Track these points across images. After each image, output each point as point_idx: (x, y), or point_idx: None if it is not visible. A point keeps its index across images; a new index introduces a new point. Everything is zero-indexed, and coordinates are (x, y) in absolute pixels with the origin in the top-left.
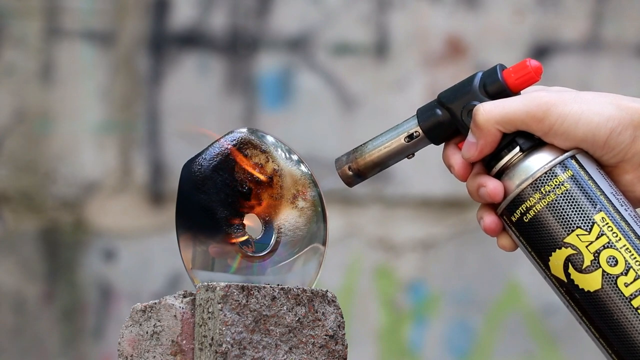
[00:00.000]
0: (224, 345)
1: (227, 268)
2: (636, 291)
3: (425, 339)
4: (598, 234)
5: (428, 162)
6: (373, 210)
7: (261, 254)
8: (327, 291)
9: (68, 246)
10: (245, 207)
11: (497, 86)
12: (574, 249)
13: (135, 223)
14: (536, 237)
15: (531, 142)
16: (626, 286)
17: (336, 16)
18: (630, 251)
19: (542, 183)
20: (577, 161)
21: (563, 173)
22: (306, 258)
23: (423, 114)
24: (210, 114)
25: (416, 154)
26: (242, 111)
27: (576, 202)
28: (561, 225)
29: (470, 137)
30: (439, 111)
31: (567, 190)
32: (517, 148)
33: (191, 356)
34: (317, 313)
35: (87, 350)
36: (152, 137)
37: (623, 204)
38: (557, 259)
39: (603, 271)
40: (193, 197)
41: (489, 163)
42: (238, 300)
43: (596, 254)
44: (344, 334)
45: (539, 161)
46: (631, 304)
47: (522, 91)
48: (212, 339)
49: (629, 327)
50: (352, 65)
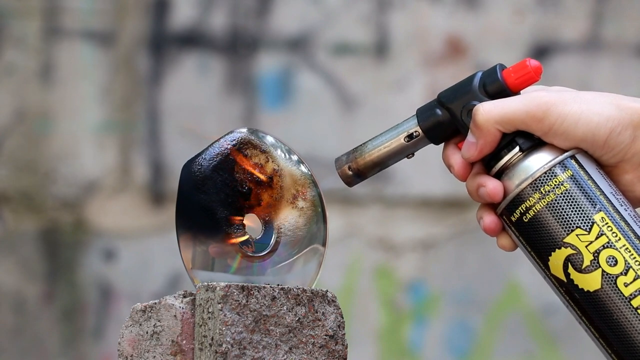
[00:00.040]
0: (224, 345)
1: (227, 268)
2: (636, 291)
3: (425, 339)
4: (598, 234)
5: (428, 162)
6: (373, 210)
7: (261, 254)
8: (327, 291)
9: (68, 246)
10: (245, 207)
11: (497, 86)
12: (574, 249)
13: (135, 223)
14: (536, 237)
15: (531, 142)
16: (626, 286)
17: (336, 16)
18: (629, 251)
19: (542, 183)
20: (577, 161)
21: (563, 173)
22: (306, 258)
23: (423, 114)
24: (210, 114)
25: (416, 154)
26: (242, 111)
27: (576, 202)
28: (561, 225)
29: (470, 137)
30: (439, 111)
31: (567, 190)
32: (517, 148)
33: (191, 356)
34: (317, 313)
35: (87, 350)
36: (152, 137)
37: (623, 204)
38: (557, 259)
39: (603, 271)
40: (193, 197)
41: (489, 163)
42: (238, 300)
43: (596, 254)
44: (344, 334)
45: (539, 161)
46: (631, 304)
47: (522, 91)
48: (212, 339)
49: (629, 327)
50: (352, 65)
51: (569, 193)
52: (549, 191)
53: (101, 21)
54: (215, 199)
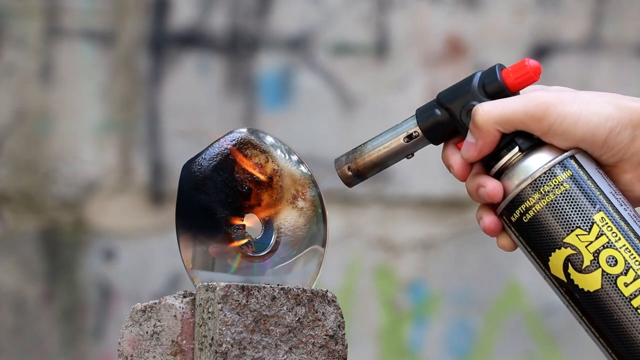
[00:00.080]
0: (224, 345)
1: (227, 268)
2: (636, 291)
3: (425, 339)
4: (597, 234)
5: (428, 162)
6: (373, 210)
7: (261, 254)
8: (327, 291)
9: (68, 246)
10: (245, 207)
11: (496, 86)
12: (574, 249)
13: (135, 223)
14: (536, 237)
15: (530, 142)
16: (626, 286)
17: (336, 16)
18: (629, 251)
19: (542, 183)
20: (577, 161)
21: (562, 173)
22: (306, 258)
23: (422, 114)
24: (210, 114)
25: (416, 154)
26: (242, 111)
27: (575, 202)
28: (561, 225)
29: (469, 138)
30: (438, 111)
31: (567, 190)
32: (516, 148)
33: (191, 356)
34: (317, 313)
35: (87, 350)
36: (152, 137)
37: (622, 204)
38: (557, 259)
39: (603, 271)
40: (193, 197)
41: (488, 163)
42: (238, 300)
43: (596, 254)
44: (344, 334)
45: (538, 161)
46: (631, 304)
47: (521, 91)
48: (212, 339)
49: (629, 327)
50: (352, 65)
51: (569, 193)
52: (549, 191)
53: (101, 21)
54: (215, 199)
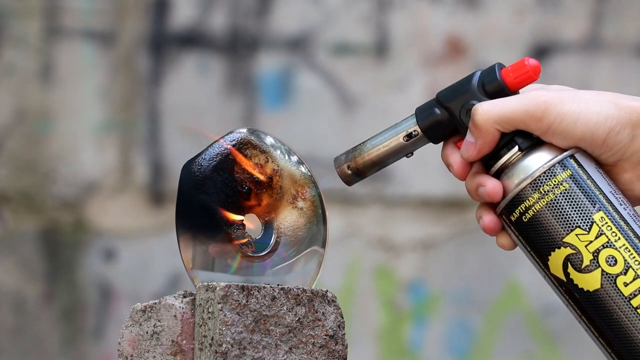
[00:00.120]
0: (224, 345)
1: (227, 268)
2: (635, 290)
3: (425, 339)
4: (597, 234)
5: (428, 162)
6: (373, 210)
7: (261, 254)
8: (327, 291)
9: (68, 246)
10: (245, 207)
11: (496, 85)
12: (573, 249)
13: (135, 223)
14: (535, 237)
15: (530, 142)
16: (625, 285)
17: (336, 16)
18: (629, 250)
19: (541, 182)
20: (576, 160)
21: (562, 172)
22: (306, 258)
23: (422, 113)
24: (210, 114)
25: (415, 154)
26: (242, 111)
27: (575, 202)
28: (560, 224)
29: (468, 137)
30: (438, 110)
31: (566, 189)
32: (516, 147)
33: (191, 356)
34: (317, 313)
35: (87, 350)
36: (152, 137)
37: (622, 203)
38: (557, 259)
39: (602, 271)
40: (193, 197)
41: (488, 162)
42: (238, 300)
43: (595, 254)
44: (344, 334)
45: (538, 160)
46: (630, 304)
47: (521, 90)
48: (212, 339)
49: (629, 327)
50: (352, 65)
51: (568, 192)
52: (549, 191)
53: (101, 21)
54: (215, 199)
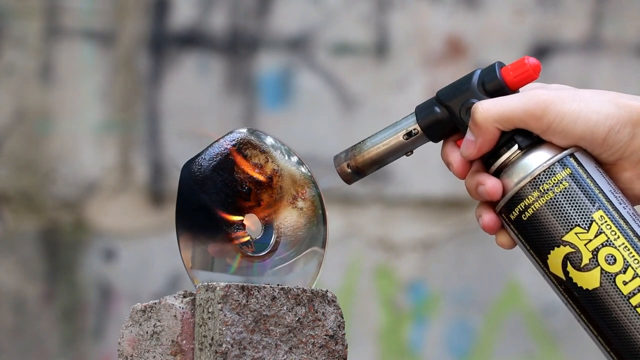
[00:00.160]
0: (224, 345)
1: (227, 268)
2: (634, 289)
3: (425, 339)
4: (596, 232)
5: (428, 162)
6: (373, 210)
7: (261, 254)
8: (327, 291)
9: (68, 246)
10: (245, 207)
11: (496, 84)
12: (573, 247)
13: (135, 223)
14: (535, 235)
15: (530, 140)
16: (624, 284)
17: (336, 16)
18: (628, 249)
19: (541, 181)
20: (576, 159)
21: (562, 171)
22: (306, 258)
23: (421, 112)
24: (210, 114)
25: (415, 153)
26: (242, 111)
27: (575, 200)
28: (560, 223)
29: (468, 135)
30: (438, 109)
31: (566, 188)
32: (516, 146)
33: (191, 356)
34: (317, 313)
35: (87, 350)
36: (152, 137)
37: (622, 202)
38: (556, 257)
39: (601, 269)
40: (193, 197)
41: (488, 161)
42: (238, 300)
43: (595, 252)
44: (344, 334)
45: (538, 159)
46: (629, 302)
47: (521, 89)
48: (212, 339)
49: (628, 325)
50: (352, 65)
51: (568, 191)
52: (548, 189)
53: (101, 21)
54: (215, 199)
